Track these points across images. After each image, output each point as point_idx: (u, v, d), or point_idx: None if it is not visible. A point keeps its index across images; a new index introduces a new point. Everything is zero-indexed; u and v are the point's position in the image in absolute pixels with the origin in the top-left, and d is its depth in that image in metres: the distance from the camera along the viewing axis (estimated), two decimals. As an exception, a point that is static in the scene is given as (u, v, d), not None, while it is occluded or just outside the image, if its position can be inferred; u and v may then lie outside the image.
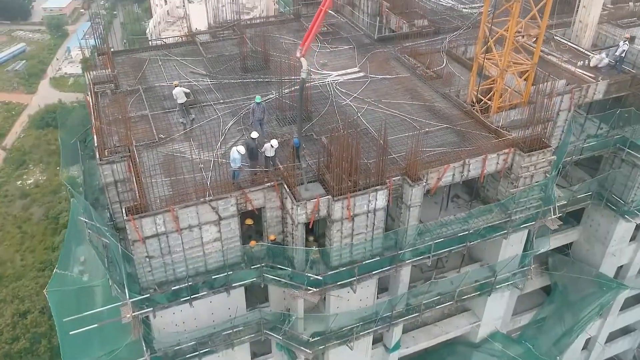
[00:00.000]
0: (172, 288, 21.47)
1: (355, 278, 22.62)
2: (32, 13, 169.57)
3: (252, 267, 22.19)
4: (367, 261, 22.65)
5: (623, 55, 29.34)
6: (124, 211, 20.12)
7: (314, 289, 22.13)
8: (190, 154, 23.09)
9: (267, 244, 22.09)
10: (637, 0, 37.58)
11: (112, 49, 30.35)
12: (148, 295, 21.22)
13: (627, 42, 29.30)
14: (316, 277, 21.83)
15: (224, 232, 21.67)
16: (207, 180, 21.93)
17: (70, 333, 20.68)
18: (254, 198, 21.56)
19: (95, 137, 23.54)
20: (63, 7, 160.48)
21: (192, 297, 21.82)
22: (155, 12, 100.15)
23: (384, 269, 23.20)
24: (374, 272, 23.07)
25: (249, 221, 22.94)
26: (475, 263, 28.53)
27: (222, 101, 27.09)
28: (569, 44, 32.63)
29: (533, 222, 25.61)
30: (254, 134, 22.06)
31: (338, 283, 22.60)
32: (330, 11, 37.25)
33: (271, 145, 21.53)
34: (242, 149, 21.19)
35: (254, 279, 22.46)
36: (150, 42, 40.68)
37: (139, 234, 20.24)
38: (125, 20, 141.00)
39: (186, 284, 21.47)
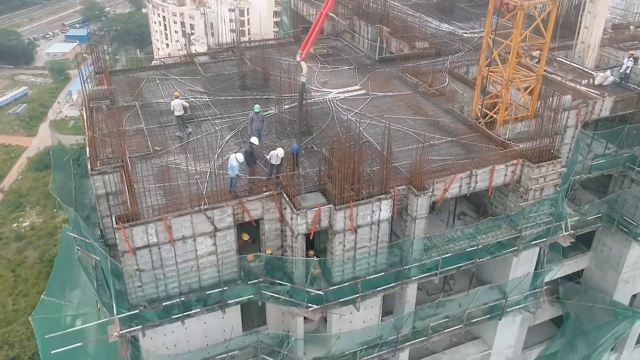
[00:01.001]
0: (163, 304, 20.11)
1: (358, 295, 21.29)
2: (35, 58, 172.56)
3: (249, 282, 20.89)
4: (371, 276, 21.36)
5: (628, 72, 28.90)
6: (113, 219, 19.06)
7: (315, 306, 20.77)
8: (186, 166, 22.19)
9: (265, 254, 20.87)
10: (638, 25, 37.53)
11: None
12: (137, 311, 19.84)
13: (631, 59, 28.92)
14: (317, 292, 20.51)
15: (220, 244, 20.53)
16: (203, 189, 20.94)
17: (53, 352, 19.24)
18: (251, 208, 20.51)
19: (87, 148, 22.74)
20: (66, 52, 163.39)
21: (184, 314, 20.44)
22: (157, 55, 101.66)
23: (389, 285, 21.88)
24: (378, 289, 21.74)
25: (245, 236, 21.83)
26: (484, 285, 27.12)
27: (219, 116, 26.41)
28: (572, 64, 32.27)
29: (544, 239, 24.43)
30: (254, 140, 21.26)
31: (340, 300, 21.27)
32: (330, 36, 37.25)
33: (277, 154, 20.70)
34: (240, 157, 20.32)
35: (251, 295, 21.11)
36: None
37: (129, 244, 19.10)
38: (128, 65, 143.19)
39: (178, 300, 20.12)
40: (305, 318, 22.46)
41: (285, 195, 20.32)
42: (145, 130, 24.97)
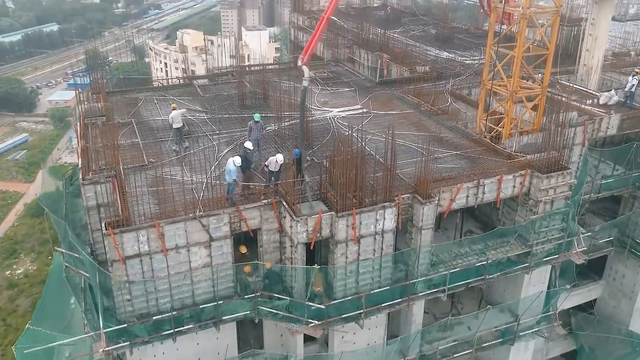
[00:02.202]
0: (154, 317, 18.78)
1: (362, 311, 19.97)
2: (37, 105, 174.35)
3: (245, 296, 19.61)
4: (375, 290, 20.11)
5: (633, 90, 28.47)
6: (103, 226, 18.03)
7: (316, 322, 19.42)
8: (181, 176, 21.32)
9: (263, 263, 19.71)
10: (639, 53, 37.56)
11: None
12: (125, 325, 18.50)
13: (636, 77, 28.55)
14: (318, 306, 19.21)
15: (215, 256, 19.42)
16: (199, 196, 19.98)
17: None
18: (249, 217, 19.51)
19: (80, 159, 21.95)
20: (68, 99, 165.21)
21: (176, 330, 19.07)
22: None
23: (394, 301, 20.58)
24: (383, 305, 20.43)
25: (242, 249, 20.73)
26: (494, 302, 25.70)
27: (217, 132, 25.74)
28: (575, 86, 31.93)
29: (556, 256, 23.28)
30: (248, 144, 20.48)
31: (343, 316, 19.92)
32: (330, 62, 37.16)
33: (276, 160, 19.87)
34: (238, 160, 19.51)
35: (247, 311, 19.77)
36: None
37: (118, 252, 17.99)
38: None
39: (170, 313, 18.81)
40: (305, 338, 21.10)
41: (284, 203, 19.36)
42: (140, 144, 24.24)
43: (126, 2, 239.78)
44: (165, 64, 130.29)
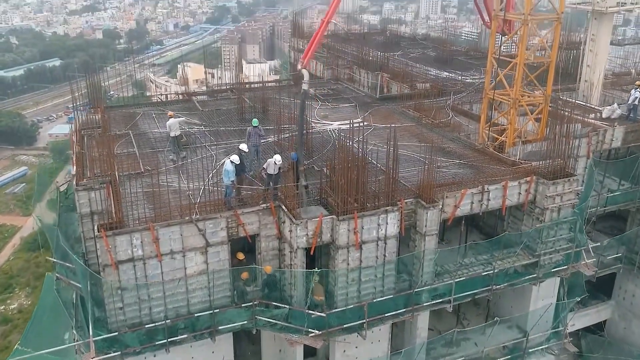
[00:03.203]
0: (147, 326, 17.91)
1: (364, 321, 19.09)
2: (37, 139, 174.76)
3: (243, 305, 18.77)
4: (378, 299, 19.28)
5: (636, 102, 28.19)
6: (95, 228, 17.37)
7: (316, 332, 18.54)
8: (178, 184, 20.74)
9: (262, 267, 18.94)
10: (639, 72, 37.55)
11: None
12: (116, 333, 17.62)
13: (639, 90, 28.31)
14: (319, 314, 18.37)
15: (212, 263, 18.70)
16: (195, 200, 19.37)
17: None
18: (247, 222, 18.86)
19: (74, 166, 21.43)
20: (68, 133, 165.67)
21: (169, 340, 18.16)
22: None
23: (397, 311, 19.72)
24: (386, 315, 19.55)
25: (240, 255, 19.96)
26: (502, 319, 24.73)
27: (216, 143, 25.31)
28: (577, 102, 31.68)
29: (565, 267, 22.51)
30: (243, 146, 19.99)
31: (344, 326, 19.03)
32: (330, 79, 37.06)
33: (274, 162, 19.31)
34: (236, 158, 18.96)
35: (245, 321, 18.89)
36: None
37: (111, 256, 17.28)
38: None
39: (164, 321, 17.96)
40: (305, 353, 20.18)
41: (283, 208, 18.75)
42: (137, 153, 23.76)
43: (128, 38, 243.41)
44: (166, 96, 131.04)
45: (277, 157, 19.37)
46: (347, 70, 37.89)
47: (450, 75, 37.87)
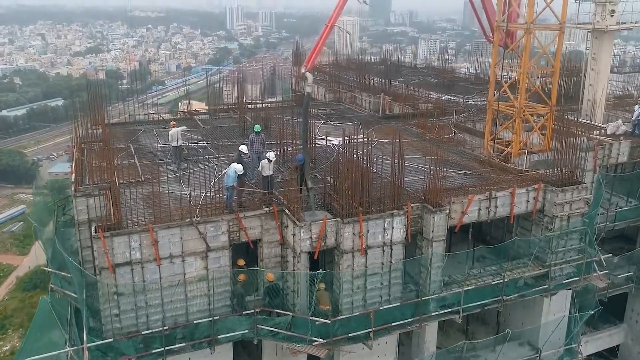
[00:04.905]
0: (143, 332, 17.12)
1: (370, 330, 18.29)
2: (37, 177, 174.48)
3: (243, 312, 18.02)
4: (384, 306, 18.53)
5: (640, 118, 28.07)
6: (93, 229, 16.83)
7: (320, 340, 17.72)
8: (179, 191, 20.31)
9: (264, 270, 18.27)
10: (640, 94, 37.67)
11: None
12: (111, 340, 16.82)
13: (642, 105, 28.25)
14: (324, 320, 17.60)
15: (212, 268, 18.04)
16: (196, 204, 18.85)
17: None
18: (249, 226, 18.34)
19: (73, 174, 21.03)
20: (68, 171, 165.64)
21: (166, 349, 17.33)
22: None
23: (405, 321, 18.93)
24: (393, 324, 18.76)
25: (240, 261, 19.29)
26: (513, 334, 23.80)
27: (217, 156, 24.95)
28: (580, 120, 31.56)
29: (576, 279, 21.81)
30: (243, 148, 19.62)
31: (350, 335, 18.22)
32: (332, 101, 37.06)
33: (268, 160, 18.87)
34: (240, 168, 18.55)
35: (245, 330, 18.08)
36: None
37: (108, 258, 16.68)
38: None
39: (161, 328, 17.17)
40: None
41: (286, 211, 18.25)
42: (137, 164, 23.40)
43: (131, 78, 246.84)
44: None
45: (271, 154, 18.96)
46: (349, 93, 37.99)
47: (452, 98, 37.90)
